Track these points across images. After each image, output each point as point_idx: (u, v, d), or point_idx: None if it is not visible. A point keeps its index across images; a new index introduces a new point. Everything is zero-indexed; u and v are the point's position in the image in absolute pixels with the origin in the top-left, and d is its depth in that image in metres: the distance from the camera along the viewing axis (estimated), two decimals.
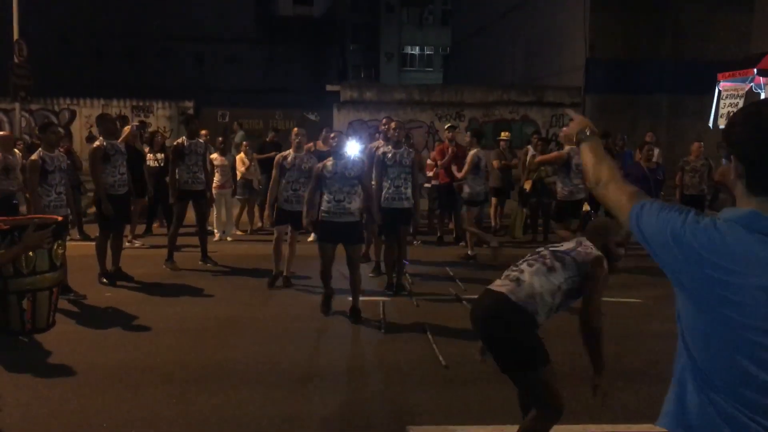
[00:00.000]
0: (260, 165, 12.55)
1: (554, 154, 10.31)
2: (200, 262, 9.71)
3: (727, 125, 1.79)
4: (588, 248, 3.83)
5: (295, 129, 8.62)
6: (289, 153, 8.40)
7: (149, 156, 11.77)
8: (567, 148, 9.79)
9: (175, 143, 9.92)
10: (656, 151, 12.32)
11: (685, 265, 1.74)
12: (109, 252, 8.65)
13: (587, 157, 2.23)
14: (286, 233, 8.63)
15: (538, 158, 10.92)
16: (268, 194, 8.63)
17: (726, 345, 1.70)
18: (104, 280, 8.57)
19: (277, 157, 8.52)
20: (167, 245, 9.58)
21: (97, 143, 8.64)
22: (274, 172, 8.40)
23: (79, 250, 9.90)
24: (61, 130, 8.92)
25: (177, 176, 9.51)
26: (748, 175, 1.72)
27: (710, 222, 1.73)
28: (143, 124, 14.22)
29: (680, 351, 1.84)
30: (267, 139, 13.52)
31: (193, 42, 33.45)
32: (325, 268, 7.29)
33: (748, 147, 1.71)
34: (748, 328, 1.66)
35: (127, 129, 11.03)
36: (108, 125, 8.77)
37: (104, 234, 8.59)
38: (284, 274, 8.57)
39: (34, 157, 7.73)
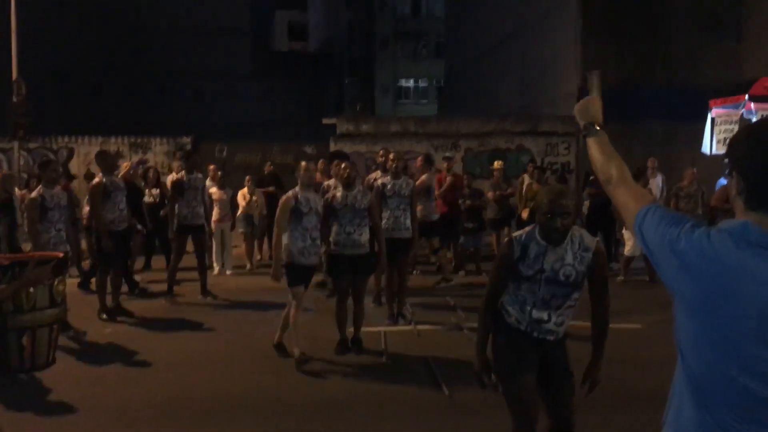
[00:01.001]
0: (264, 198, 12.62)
1: (419, 181, 10.30)
2: (200, 297, 9.71)
3: (730, 141, 1.85)
4: None
5: (304, 163, 7.13)
6: (297, 192, 6.83)
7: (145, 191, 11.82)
8: (424, 176, 10.39)
9: (174, 178, 9.96)
10: (660, 177, 12.21)
11: (680, 274, 1.77)
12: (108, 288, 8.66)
13: (595, 153, 2.20)
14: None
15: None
16: (275, 246, 7.12)
17: (719, 355, 1.72)
18: (104, 316, 8.56)
19: (286, 199, 6.84)
20: (167, 280, 9.58)
21: (97, 179, 8.70)
22: (279, 215, 6.84)
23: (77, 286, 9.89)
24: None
25: (176, 211, 9.56)
26: (748, 191, 1.76)
27: (704, 232, 1.77)
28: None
29: (678, 364, 1.86)
30: (265, 172, 13.60)
31: (190, 78, 33.78)
32: (340, 307, 7.13)
33: (749, 163, 1.76)
34: (740, 338, 1.68)
35: (125, 165, 11.10)
36: (108, 161, 8.84)
37: (104, 270, 8.61)
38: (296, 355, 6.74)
39: (33, 194, 7.79)
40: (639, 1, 17.37)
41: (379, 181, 8.55)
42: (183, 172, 9.83)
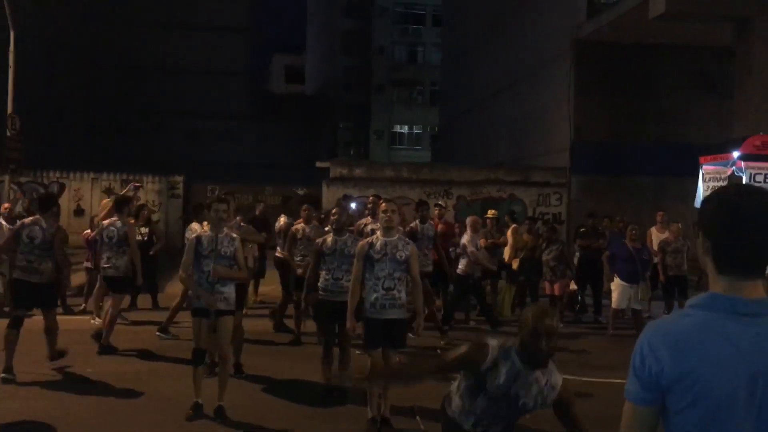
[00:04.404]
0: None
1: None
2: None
3: (702, 203, 1.86)
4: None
5: (335, 209, 7.46)
6: (330, 237, 7.02)
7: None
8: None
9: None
10: (677, 226, 11.75)
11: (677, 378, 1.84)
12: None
13: None
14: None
15: None
16: (307, 283, 7.22)
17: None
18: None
19: (319, 241, 7.12)
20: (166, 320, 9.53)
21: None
22: (312, 258, 7.20)
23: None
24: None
25: None
26: (714, 253, 1.78)
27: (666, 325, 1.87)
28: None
29: None
30: (257, 213, 13.34)
31: (185, 118, 34.02)
32: (326, 353, 7.01)
33: (715, 226, 1.77)
34: (736, 414, 1.71)
35: (104, 203, 11.06)
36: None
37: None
38: None
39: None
40: (632, 58, 17.68)
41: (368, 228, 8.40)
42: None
